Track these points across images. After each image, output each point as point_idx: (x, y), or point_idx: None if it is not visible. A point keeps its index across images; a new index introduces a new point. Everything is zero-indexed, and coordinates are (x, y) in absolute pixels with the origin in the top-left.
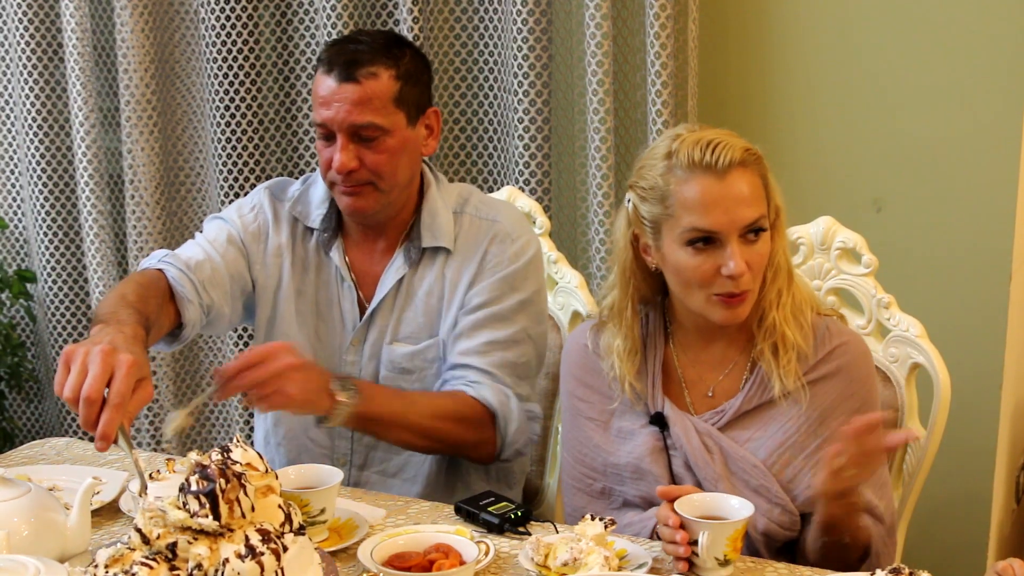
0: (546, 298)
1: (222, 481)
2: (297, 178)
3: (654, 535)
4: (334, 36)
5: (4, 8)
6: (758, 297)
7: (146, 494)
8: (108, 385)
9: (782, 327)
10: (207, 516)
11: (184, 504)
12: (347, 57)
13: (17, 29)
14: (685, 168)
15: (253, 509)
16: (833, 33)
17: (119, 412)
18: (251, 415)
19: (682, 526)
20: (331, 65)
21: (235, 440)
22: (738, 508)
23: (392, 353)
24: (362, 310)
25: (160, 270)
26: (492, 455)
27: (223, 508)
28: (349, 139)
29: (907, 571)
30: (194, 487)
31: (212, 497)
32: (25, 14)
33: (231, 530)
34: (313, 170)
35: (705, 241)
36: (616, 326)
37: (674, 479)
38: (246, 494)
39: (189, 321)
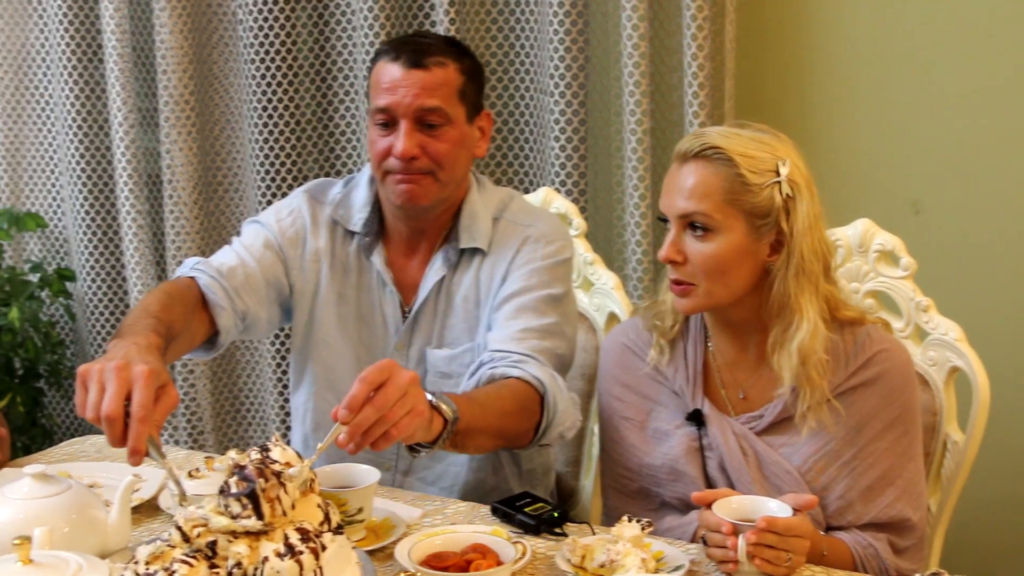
0: (575, 303)
1: (261, 481)
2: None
3: (695, 539)
4: (371, 37)
5: (46, 10)
6: (768, 331)
7: (185, 503)
8: (128, 399)
9: (773, 359)
10: (250, 517)
11: (226, 507)
12: (415, 46)
13: (58, 31)
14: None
15: (294, 507)
16: (871, 34)
17: (145, 425)
18: (288, 414)
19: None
20: (398, 53)
21: (273, 439)
22: (776, 511)
23: (434, 356)
24: (404, 314)
25: (192, 278)
26: (531, 440)
27: (265, 507)
28: (413, 125)
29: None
30: (234, 489)
31: (253, 497)
32: (66, 15)
33: (273, 528)
34: (350, 171)
35: (665, 223)
36: (659, 303)
37: (708, 480)
38: (286, 491)
39: (223, 328)
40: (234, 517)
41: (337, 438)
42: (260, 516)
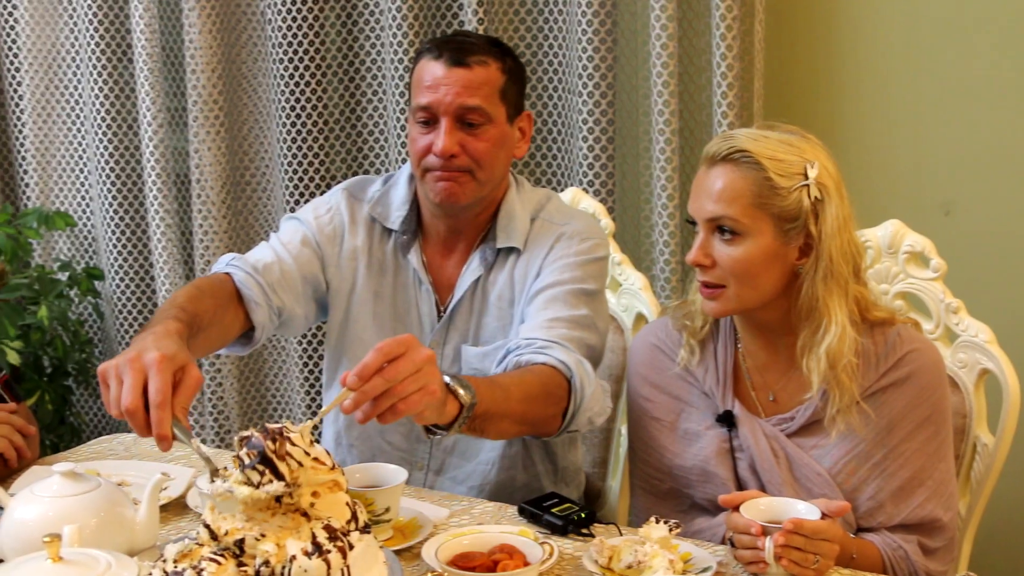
0: (607, 302)
1: (269, 443)
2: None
3: (725, 541)
4: (399, 37)
5: (76, 10)
6: (797, 334)
7: (218, 476)
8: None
9: (802, 361)
10: (271, 481)
11: (248, 480)
12: (457, 45)
13: (87, 31)
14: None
15: (308, 454)
16: (901, 34)
17: (164, 409)
18: (314, 413)
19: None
20: (440, 52)
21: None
22: (804, 513)
23: (467, 354)
24: (439, 312)
25: (227, 274)
26: (558, 427)
27: (281, 466)
28: (454, 123)
29: None
30: (247, 460)
31: (266, 460)
32: (96, 16)
33: (298, 485)
34: (378, 170)
35: (693, 226)
36: (689, 303)
37: (739, 482)
38: (293, 443)
39: (258, 323)
40: (257, 485)
41: (343, 403)
42: (281, 477)
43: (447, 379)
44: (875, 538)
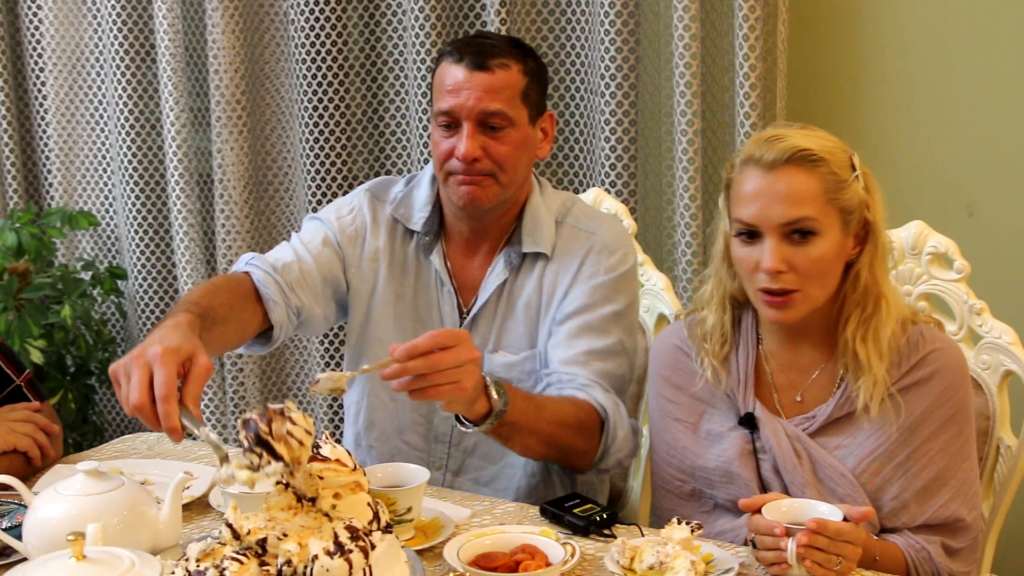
0: (638, 311)
1: (263, 424)
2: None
3: (748, 542)
4: (421, 37)
5: (100, 11)
6: (839, 310)
7: (228, 464)
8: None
9: (857, 349)
10: (269, 462)
11: (249, 464)
12: (478, 48)
13: (111, 31)
14: (743, 161)
15: (310, 433)
16: (924, 35)
17: (169, 402)
18: (338, 409)
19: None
20: (461, 55)
21: (324, 437)
22: (827, 514)
23: (492, 363)
24: (461, 315)
25: (246, 272)
26: (589, 463)
27: (279, 447)
28: (476, 127)
29: None
30: (246, 443)
31: (262, 442)
32: (119, 16)
33: (300, 464)
34: (400, 171)
35: (750, 235)
36: (707, 312)
37: (763, 483)
38: (293, 422)
39: (277, 322)
40: (257, 468)
41: (385, 369)
42: (278, 458)
43: (488, 379)
44: (898, 539)
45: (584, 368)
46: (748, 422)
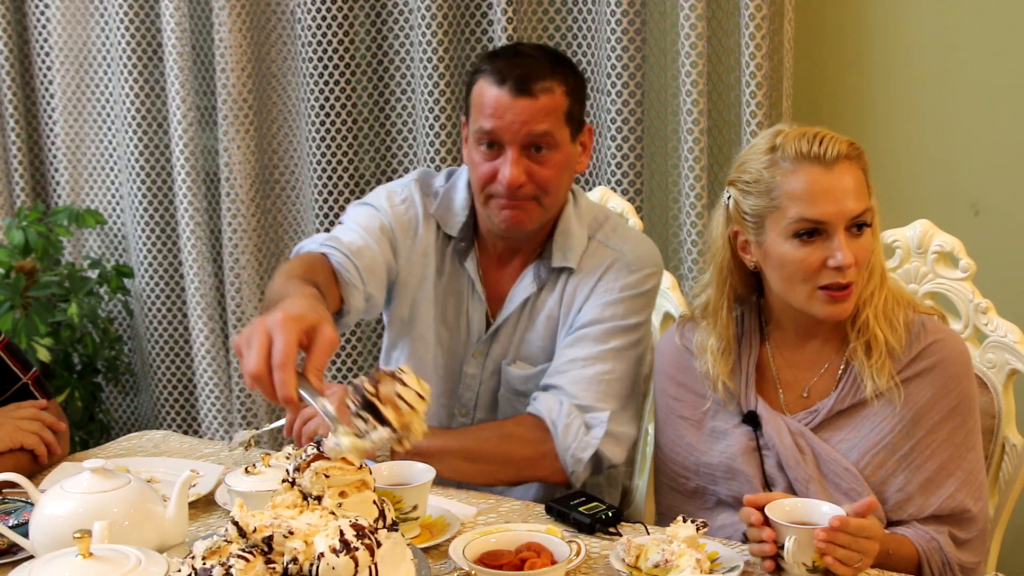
0: (650, 325)
1: (369, 386)
2: (390, 176)
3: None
4: (427, 36)
5: (107, 9)
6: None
7: (337, 433)
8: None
9: (874, 327)
10: (375, 427)
11: (356, 431)
12: (521, 71)
13: (119, 30)
14: (792, 160)
15: (423, 397)
16: (931, 33)
17: (286, 371)
18: None
19: (768, 524)
20: (503, 77)
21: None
22: (829, 513)
23: (509, 374)
24: (487, 325)
25: (323, 254)
26: (561, 469)
27: (387, 411)
28: (520, 152)
29: None
30: (352, 407)
31: (369, 406)
32: (127, 15)
33: (409, 430)
34: (406, 169)
35: (811, 233)
36: (710, 325)
37: (766, 479)
38: (404, 384)
39: (353, 307)
40: (364, 434)
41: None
42: (385, 422)
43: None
44: (908, 531)
45: (560, 376)
46: (751, 420)
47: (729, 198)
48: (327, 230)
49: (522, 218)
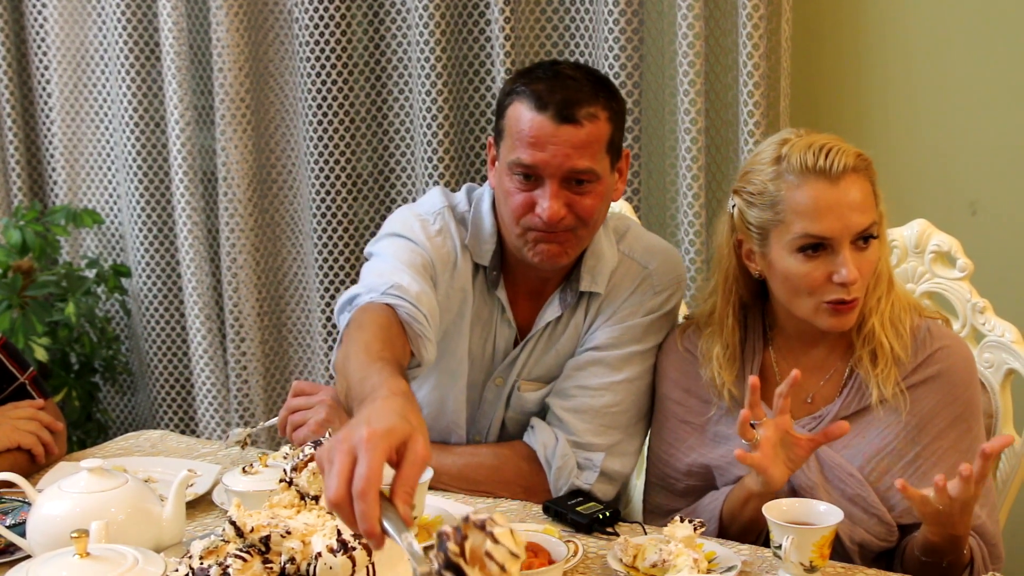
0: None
1: (454, 544)
2: (387, 176)
3: (722, 512)
4: (425, 36)
5: (104, 9)
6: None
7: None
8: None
9: (880, 334)
10: None
11: None
12: (564, 95)
13: (116, 29)
14: (797, 173)
15: (516, 556)
16: (928, 34)
17: (367, 500)
18: None
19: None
20: (543, 103)
21: (327, 434)
22: (825, 514)
23: (518, 398)
24: (514, 347)
25: (389, 305)
26: (549, 493)
27: (473, 573)
28: (560, 185)
29: None
30: (436, 566)
31: (452, 567)
32: (124, 14)
33: None
34: (403, 169)
35: (816, 247)
36: (716, 333)
37: None
38: (496, 540)
39: (425, 360)
40: None
41: None
42: None
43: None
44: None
45: (564, 401)
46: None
47: (734, 207)
48: (324, 230)
49: (559, 252)
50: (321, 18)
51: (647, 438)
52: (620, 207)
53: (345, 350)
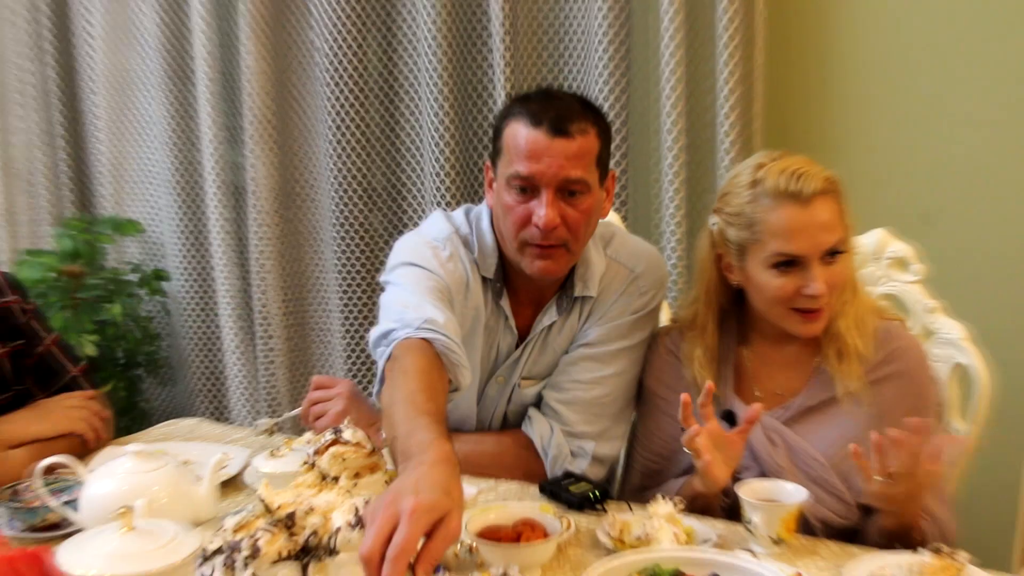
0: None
1: None
2: (399, 189)
3: (685, 495)
4: (433, 62)
5: (145, 39)
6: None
7: None
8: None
9: (846, 334)
10: None
11: None
12: (557, 112)
13: (155, 58)
14: (771, 196)
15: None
16: (885, 64)
17: (396, 566)
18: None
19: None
20: (537, 119)
21: (345, 422)
22: (792, 493)
23: (520, 395)
24: (512, 351)
25: (426, 339)
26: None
27: None
28: (555, 194)
29: (947, 551)
30: None
31: None
32: (162, 44)
33: None
34: (414, 183)
35: (789, 264)
36: (697, 337)
37: (741, 469)
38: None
39: (463, 385)
40: None
41: None
42: None
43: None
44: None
45: (559, 393)
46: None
47: (715, 224)
48: (342, 239)
49: (553, 267)
50: (340, 47)
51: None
52: (611, 217)
53: (391, 394)
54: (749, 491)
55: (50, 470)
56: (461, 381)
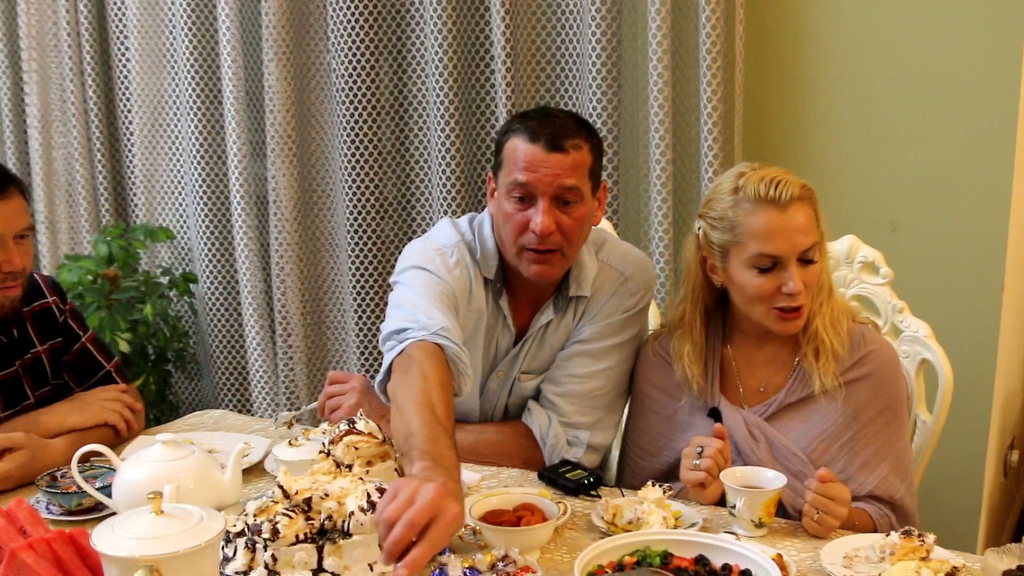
0: (642, 338)
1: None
2: (409, 199)
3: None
4: (440, 83)
5: (177, 62)
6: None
7: None
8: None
9: (822, 333)
10: None
11: None
12: (553, 129)
13: (186, 79)
14: (752, 202)
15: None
16: (854, 84)
17: (407, 531)
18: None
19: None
20: (535, 135)
21: (359, 414)
22: (772, 479)
23: (519, 388)
24: (511, 348)
25: (439, 345)
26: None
27: None
28: (551, 203)
29: (916, 533)
30: None
31: None
32: (192, 66)
33: None
34: (423, 193)
35: (769, 265)
36: (686, 334)
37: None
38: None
39: (464, 392)
40: None
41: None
42: None
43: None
44: (868, 507)
45: (555, 387)
46: (714, 414)
47: (699, 229)
48: (356, 245)
49: (548, 272)
50: (355, 69)
51: (623, 424)
52: (603, 224)
53: (408, 391)
54: (732, 478)
55: (86, 458)
56: (463, 388)
